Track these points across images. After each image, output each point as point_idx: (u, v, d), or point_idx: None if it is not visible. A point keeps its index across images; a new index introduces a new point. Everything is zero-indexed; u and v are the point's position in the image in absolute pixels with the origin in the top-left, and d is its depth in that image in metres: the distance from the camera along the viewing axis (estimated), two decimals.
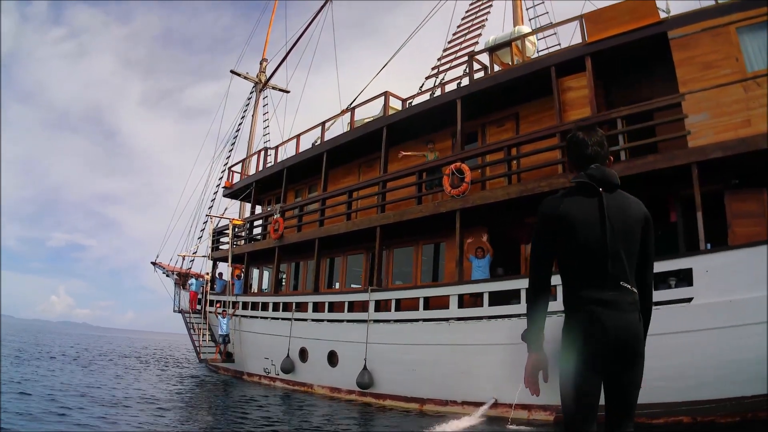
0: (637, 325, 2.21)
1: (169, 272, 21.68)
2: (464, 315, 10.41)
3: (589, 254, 2.22)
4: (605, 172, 2.34)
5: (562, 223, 2.28)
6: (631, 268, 2.27)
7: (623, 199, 2.34)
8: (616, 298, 2.18)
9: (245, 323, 16.50)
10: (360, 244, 14.43)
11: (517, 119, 12.53)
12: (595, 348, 2.15)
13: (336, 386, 12.69)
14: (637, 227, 2.30)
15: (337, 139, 14.81)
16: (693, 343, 7.72)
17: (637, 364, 2.21)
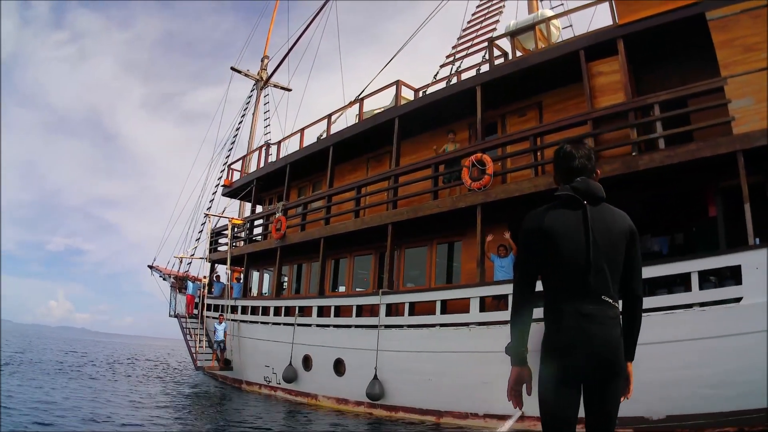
0: (617, 339, 2.19)
1: (166, 276, 20.86)
2: (486, 319, 9.48)
3: (572, 267, 2.21)
4: (590, 184, 2.33)
5: (546, 237, 2.25)
6: (615, 281, 2.25)
7: (608, 212, 2.31)
8: (596, 312, 2.16)
9: (244, 329, 15.50)
10: (368, 244, 13.47)
11: (540, 108, 11.64)
12: (574, 361, 2.14)
13: (343, 397, 11.68)
14: (621, 240, 2.26)
15: (345, 132, 13.88)
16: (742, 346, 6.95)
17: (616, 378, 2.19)
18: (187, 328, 17.46)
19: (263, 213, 16.61)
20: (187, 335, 17.24)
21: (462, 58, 12.78)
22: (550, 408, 2.20)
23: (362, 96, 14.01)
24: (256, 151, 19.11)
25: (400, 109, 12.51)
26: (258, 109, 26.61)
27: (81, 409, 9.88)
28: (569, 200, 2.32)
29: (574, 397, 2.19)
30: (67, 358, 25.72)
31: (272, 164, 16.72)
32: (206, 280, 18.79)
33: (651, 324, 7.88)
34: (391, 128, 12.69)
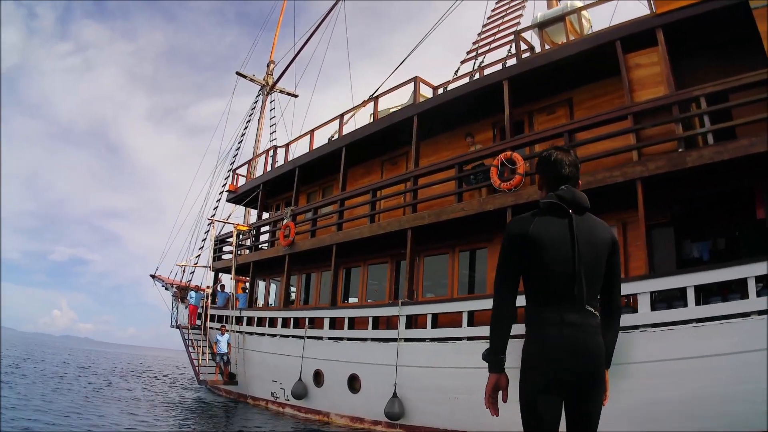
0: (599, 348, 2.20)
1: (168, 285, 20.05)
2: (520, 331, 8.54)
3: (557, 276, 2.21)
4: (576, 194, 2.33)
5: (531, 244, 2.24)
6: (596, 292, 2.28)
7: (592, 222, 2.33)
8: (580, 321, 2.17)
9: (250, 341, 14.62)
10: (384, 252, 12.64)
11: (571, 105, 10.86)
12: (557, 370, 2.14)
13: (358, 415, 10.78)
14: (604, 251, 2.28)
15: (358, 132, 13.08)
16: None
17: (598, 387, 2.20)
18: (190, 340, 16.58)
19: (270, 219, 15.80)
20: (190, 347, 16.35)
21: (485, 53, 12.01)
22: (533, 416, 2.18)
23: (377, 94, 13.23)
24: (262, 155, 18.31)
25: (420, 107, 11.72)
26: (264, 115, 25.89)
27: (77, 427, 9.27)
28: (554, 208, 2.30)
29: (556, 405, 2.17)
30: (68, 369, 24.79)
31: (280, 168, 15.93)
32: (210, 290, 17.96)
33: (710, 334, 7.17)
34: (408, 128, 11.92)
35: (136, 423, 10.30)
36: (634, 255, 9.37)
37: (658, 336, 7.53)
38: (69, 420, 9.93)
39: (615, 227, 9.62)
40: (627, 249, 9.43)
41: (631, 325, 7.73)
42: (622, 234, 9.54)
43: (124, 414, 11.38)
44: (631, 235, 9.47)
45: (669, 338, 7.40)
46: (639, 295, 7.83)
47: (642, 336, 7.67)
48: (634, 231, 9.46)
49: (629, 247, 9.45)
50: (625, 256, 9.36)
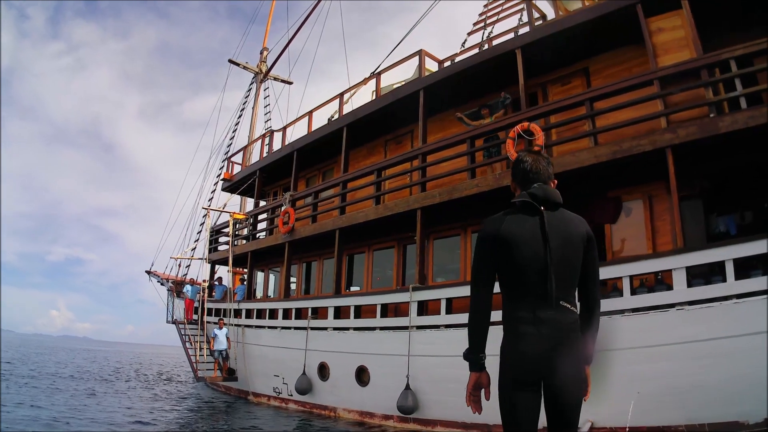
0: (574, 344, 2.20)
1: (164, 280, 19.34)
2: None
3: (529, 273, 2.21)
4: (547, 190, 2.33)
5: (503, 243, 2.25)
6: (572, 287, 2.27)
7: (565, 217, 2.32)
8: (554, 317, 2.17)
9: (249, 334, 13.91)
10: (390, 236, 11.94)
11: (587, 75, 10.17)
12: (532, 366, 2.16)
13: (367, 410, 10.10)
14: (578, 245, 2.27)
15: (360, 111, 12.33)
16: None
17: (573, 383, 2.19)
18: (186, 335, 15.85)
19: (268, 206, 15.03)
20: (187, 343, 15.62)
21: (494, 23, 11.29)
22: (510, 413, 2.19)
23: (379, 70, 12.47)
24: (258, 140, 17.51)
25: (426, 80, 10.98)
26: (258, 103, 25.15)
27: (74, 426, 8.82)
28: (526, 206, 2.31)
29: (533, 401, 2.18)
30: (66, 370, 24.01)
31: (277, 152, 15.14)
32: (206, 283, 17.23)
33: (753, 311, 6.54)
34: (413, 104, 11.19)
35: (131, 422, 9.62)
36: (661, 230, 8.75)
37: (696, 315, 6.88)
38: (64, 421, 9.24)
39: (640, 201, 8.99)
40: (654, 224, 8.80)
41: (666, 304, 7.10)
42: (648, 208, 8.89)
43: (119, 413, 10.66)
44: (658, 209, 8.85)
45: (708, 316, 6.76)
46: (674, 271, 7.18)
47: (677, 315, 7.02)
48: (661, 205, 8.85)
49: (656, 222, 8.81)
50: (652, 231, 8.74)
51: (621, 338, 7.26)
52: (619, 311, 7.48)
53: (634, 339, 7.21)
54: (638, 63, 9.33)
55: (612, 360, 7.22)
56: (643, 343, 7.19)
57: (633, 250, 8.83)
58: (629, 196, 9.17)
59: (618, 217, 9.29)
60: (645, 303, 7.31)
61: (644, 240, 8.83)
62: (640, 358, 7.10)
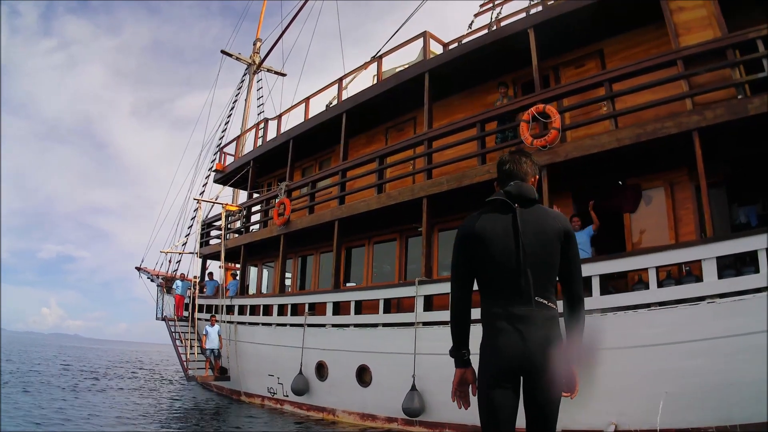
0: (550, 341, 2.17)
1: (154, 277, 18.66)
2: (561, 311, 7.34)
3: (503, 270, 2.22)
4: (522, 187, 2.34)
5: (478, 241, 2.27)
6: (549, 283, 2.25)
7: (540, 213, 2.30)
8: (529, 314, 2.17)
9: (243, 332, 13.26)
10: (391, 227, 11.33)
11: (602, 57, 9.62)
12: (507, 362, 2.16)
13: (369, 412, 9.48)
14: (553, 241, 2.25)
15: (361, 96, 11.69)
16: None
17: (549, 380, 2.15)
18: (177, 333, 15.16)
19: (263, 197, 14.35)
20: (177, 340, 14.93)
21: (503, 2, 10.69)
22: (487, 408, 2.19)
23: (381, 54, 11.84)
24: (252, 129, 16.80)
25: (431, 62, 10.37)
26: (251, 95, 24.41)
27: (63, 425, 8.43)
28: (501, 204, 2.33)
29: (511, 398, 2.17)
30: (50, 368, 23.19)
31: (272, 141, 14.47)
32: (196, 280, 16.54)
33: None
34: (417, 88, 10.59)
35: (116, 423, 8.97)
36: (684, 219, 8.23)
37: (728, 308, 6.35)
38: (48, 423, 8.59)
39: (661, 189, 8.46)
40: (676, 213, 8.27)
41: (696, 297, 6.57)
42: (670, 196, 8.35)
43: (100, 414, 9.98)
44: (680, 197, 8.34)
45: (741, 309, 6.23)
46: (704, 262, 6.64)
47: (708, 309, 6.49)
48: (683, 193, 8.33)
49: (678, 211, 8.29)
50: (674, 220, 8.22)
51: (647, 333, 6.74)
52: (645, 305, 6.93)
53: (661, 334, 6.69)
54: (656, 45, 8.81)
55: (637, 357, 6.70)
56: (671, 339, 6.66)
57: (654, 240, 8.30)
58: (649, 184, 8.65)
59: (638, 206, 8.77)
60: (673, 296, 6.79)
61: (666, 230, 8.31)
62: (667, 354, 6.58)
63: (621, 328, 7.02)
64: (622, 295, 7.31)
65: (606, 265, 7.36)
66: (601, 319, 7.16)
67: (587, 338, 2.34)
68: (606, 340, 7.00)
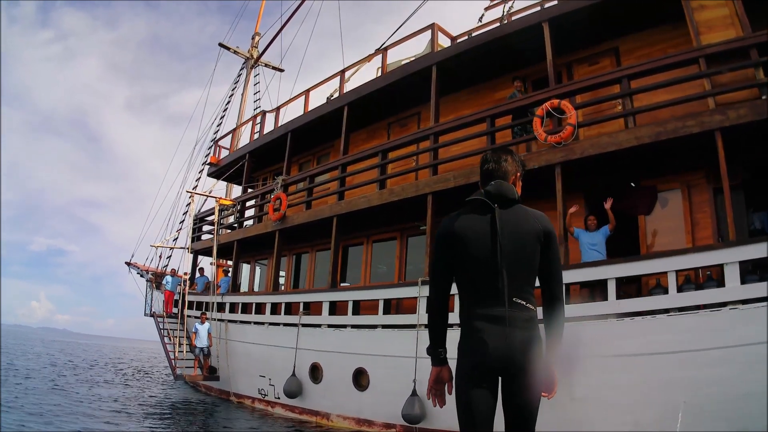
0: (527, 342, 2.16)
1: (144, 272, 18.12)
2: (576, 313, 7.01)
3: (481, 270, 2.21)
4: (502, 187, 2.31)
5: (456, 241, 2.26)
6: (528, 283, 2.24)
7: (521, 213, 2.28)
8: (506, 315, 2.16)
9: (234, 330, 12.77)
10: (392, 225, 10.93)
11: (617, 55, 9.30)
12: (482, 362, 2.15)
13: (366, 417, 9.04)
14: (532, 242, 2.23)
15: (364, 88, 11.28)
16: None
17: (526, 382, 2.14)
18: (165, 329, 14.64)
19: (258, 191, 13.87)
20: (165, 337, 14.41)
21: None
22: (464, 410, 2.18)
23: (386, 45, 11.44)
24: (249, 122, 16.32)
25: (439, 55, 9.99)
26: (247, 90, 23.97)
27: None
28: (480, 204, 2.30)
29: (486, 397, 2.16)
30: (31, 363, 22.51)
31: (269, 134, 14.01)
32: (187, 276, 16.03)
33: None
34: (423, 82, 10.23)
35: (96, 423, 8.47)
36: (701, 223, 7.90)
37: (752, 314, 6.01)
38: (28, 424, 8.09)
39: (678, 191, 8.12)
40: (693, 217, 7.94)
41: (717, 302, 6.23)
42: (687, 198, 8.01)
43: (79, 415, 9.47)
44: (697, 200, 8.01)
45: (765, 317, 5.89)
46: (726, 267, 6.31)
47: (730, 315, 6.15)
48: (700, 195, 8.01)
49: (695, 215, 7.96)
50: (691, 224, 7.88)
51: (666, 340, 6.37)
52: (663, 310, 6.58)
53: (680, 341, 6.33)
54: (673, 44, 8.50)
55: (655, 364, 6.33)
56: (691, 347, 6.31)
57: (670, 244, 7.96)
58: (666, 186, 8.31)
59: (653, 208, 8.43)
60: (693, 301, 6.43)
61: (683, 233, 7.98)
62: (687, 362, 6.22)
63: (638, 334, 6.66)
64: (640, 299, 6.96)
65: (623, 268, 6.99)
66: (618, 325, 6.80)
67: (568, 340, 2.32)
68: (622, 347, 6.67)
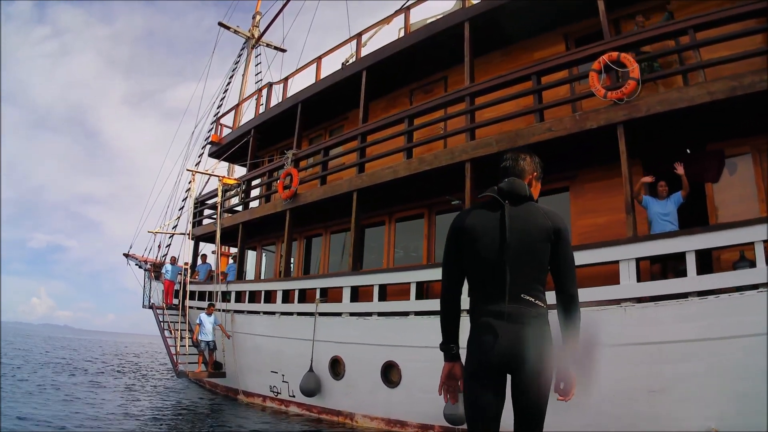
0: (533, 339, 2.14)
1: (142, 263, 17.05)
2: (649, 292, 5.96)
3: (489, 266, 2.22)
4: (514, 184, 2.33)
5: (466, 236, 2.28)
6: (535, 280, 2.22)
7: (531, 210, 2.28)
8: (513, 311, 2.16)
9: (241, 321, 11.68)
10: (419, 201, 9.82)
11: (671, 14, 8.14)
12: (485, 361, 2.15)
13: (397, 417, 7.96)
14: (541, 238, 2.22)
15: (385, 50, 10.09)
16: None
17: (530, 381, 2.13)
18: (165, 322, 13.54)
19: (266, 167, 12.67)
20: (166, 331, 13.31)
21: None
22: (470, 405, 2.19)
23: (409, 4, 10.24)
24: (253, 96, 15.09)
25: (472, 10, 8.81)
26: (248, 71, 22.78)
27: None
28: (492, 201, 2.32)
29: (491, 394, 2.15)
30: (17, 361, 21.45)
31: (277, 107, 12.80)
32: (187, 265, 14.90)
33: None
34: (450, 42, 9.13)
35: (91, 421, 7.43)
36: None
37: None
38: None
39: (749, 156, 7.05)
40: (766, 183, 6.86)
41: None
42: (759, 164, 6.94)
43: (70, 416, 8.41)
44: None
45: None
46: None
47: None
48: None
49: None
50: (765, 192, 6.86)
51: (756, 321, 5.29)
52: (752, 286, 5.50)
53: None
54: None
55: (743, 349, 5.26)
56: None
57: (740, 214, 6.88)
58: (734, 150, 7.21)
59: (720, 175, 7.35)
60: None
61: (755, 202, 6.93)
62: None
63: (723, 314, 5.59)
64: (724, 274, 5.91)
65: (704, 239, 5.90)
66: (700, 305, 5.71)
67: (585, 339, 2.26)
68: (703, 329, 5.62)
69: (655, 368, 5.83)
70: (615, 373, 6.03)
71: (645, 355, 5.89)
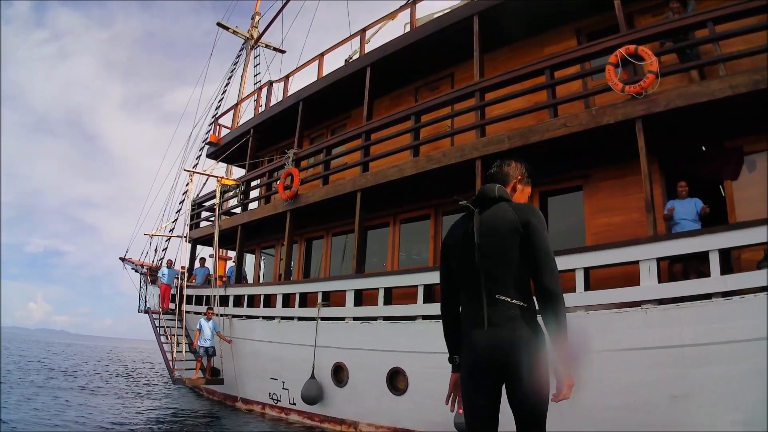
0: (512, 340, 2.12)
1: (139, 267, 16.71)
2: (672, 293, 5.68)
3: (464, 274, 2.27)
4: (483, 189, 2.37)
5: (449, 249, 2.39)
6: (510, 279, 2.20)
7: (498, 210, 2.28)
8: (491, 314, 2.16)
9: (239, 327, 11.33)
10: (424, 202, 9.51)
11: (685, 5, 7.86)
12: (473, 364, 2.19)
13: (404, 426, 7.62)
14: (510, 236, 2.21)
15: (389, 46, 9.82)
16: None
17: (519, 379, 2.10)
18: (162, 327, 13.17)
19: (266, 167, 12.35)
20: (162, 336, 12.94)
21: None
22: (466, 409, 2.23)
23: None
24: (253, 95, 14.79)
25: (482, 4, 8.54)
26: (247, 72, 22.50)
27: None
28: (468, 210, 2.37)
29: (482, 397, 2.17)
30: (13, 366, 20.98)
31: (277, 105, 12.49)
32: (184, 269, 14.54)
33: None
34: (459, 37, 8.84)
35: None
36: None
37: None
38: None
39: None
40: None
41: None
42: None
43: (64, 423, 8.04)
44: None
45: None
46: None
47: None
48: None
49: None
50: None
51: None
52: None
53: None
54: None
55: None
56: None
57: (760, 213, 6.61)
58: (754, 147, 6.94)
59: (740, 172, 7.08)
60: None
61: None
62: None
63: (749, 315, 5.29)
64: (751, 273, 5.60)
65: (729, 237, 5.60)
66: (724, 307, 5.42)
67: (574, 335, 2.18)
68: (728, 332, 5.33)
69: (678, 372, 5.53)
70: (635, 378, 5.73)
71: (667, 359, 5.59)
